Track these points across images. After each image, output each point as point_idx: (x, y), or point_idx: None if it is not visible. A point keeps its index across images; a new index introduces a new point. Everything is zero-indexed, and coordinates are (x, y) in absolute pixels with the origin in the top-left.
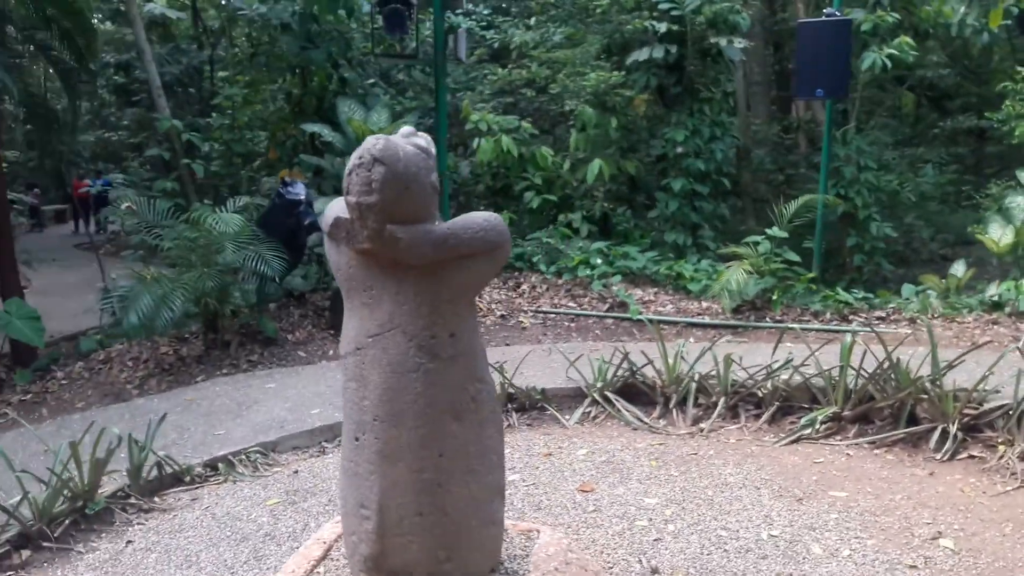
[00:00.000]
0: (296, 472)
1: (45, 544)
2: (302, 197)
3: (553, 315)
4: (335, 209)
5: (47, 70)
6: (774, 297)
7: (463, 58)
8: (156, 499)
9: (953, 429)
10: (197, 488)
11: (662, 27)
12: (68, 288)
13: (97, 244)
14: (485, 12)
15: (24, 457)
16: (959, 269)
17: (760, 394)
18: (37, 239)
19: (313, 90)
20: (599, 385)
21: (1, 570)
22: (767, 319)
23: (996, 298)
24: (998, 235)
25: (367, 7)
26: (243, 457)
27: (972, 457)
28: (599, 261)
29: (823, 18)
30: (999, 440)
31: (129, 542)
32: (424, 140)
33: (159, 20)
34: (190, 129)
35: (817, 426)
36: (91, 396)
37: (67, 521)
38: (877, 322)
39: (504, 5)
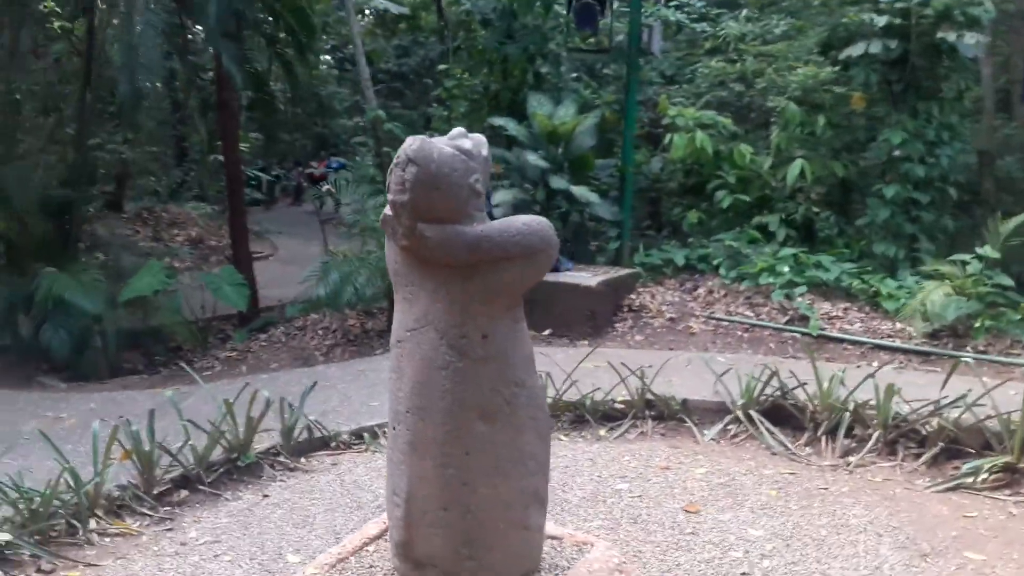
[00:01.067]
0: None
1: (200, 487)
2: None
3: (726, 323)
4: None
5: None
6: (976, 325)
7: (656, 52)
8: (302, 460)
9: None
10: (340, 454)
11: (882, 20)
12: (309, 258)
13: (325, 220)
14: (699, 4)
15: (210, 409)
16: None
17: (924, 432)
18: (295, 213)
19: (510, 84)
20: (742, 403)
21: (162, 504)
22: (967, 348)
23: None
24: None
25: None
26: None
27: None
28: (786, 269)
29: None
30: None
31: (266, 496)
32: (470, 142)
33: (405, 14)
34: (427, 119)
35: (983, 475)
36: (283, 359)
37: (221, 470)
38: None
39: None
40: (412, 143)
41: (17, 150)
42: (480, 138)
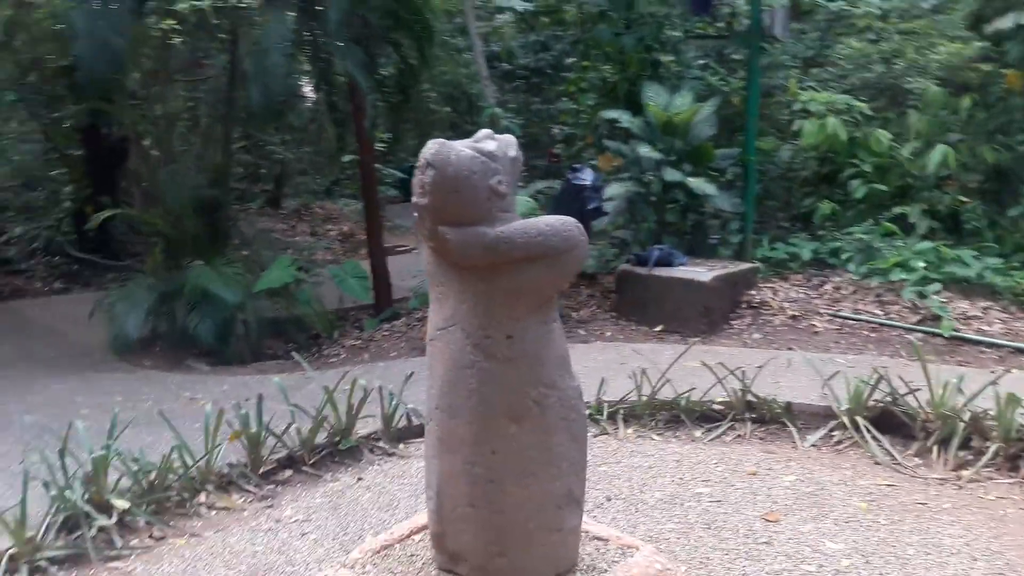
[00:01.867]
0: None
1: (303, 468)
2: (587, 183)
3: (852, 322)
4: None
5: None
6: None
7: (779, 35)
8: (400, 446)
9: None
10: None
11: None
12: None
13: None
14: None
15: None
16: None
17: None
18: None
19: (628, 75)
20: (847, 408)
21: (267, 483)
22: None
23: None
24: None
25: None
26: None
27: None
28: (921, 264)
29: None
30: None
31: (360, 479)
32: (494, 144)
33: (542, 10)
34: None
35: None
36: (402, 348)
37: (324, 452)
38: None
39: None
40: (431, 147)
41: (176, 153)
42: (508, 139)
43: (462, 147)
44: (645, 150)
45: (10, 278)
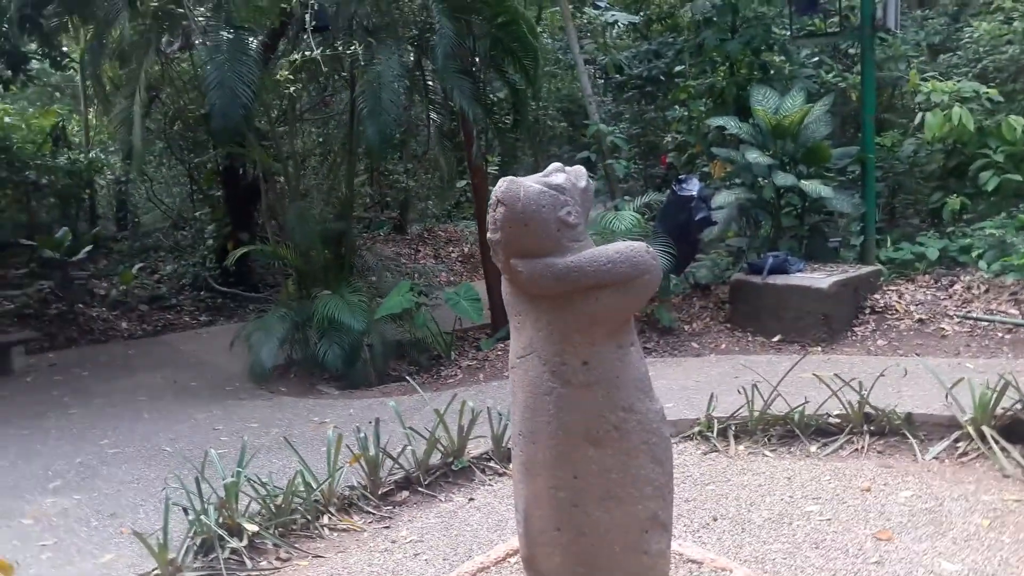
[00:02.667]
0: None
1: (419, 489)
2: (693, 193)
3: (984, 323)
4: None
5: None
6: None
7: (893, 27)
8: (510, 466)
9: None
10: None
11: None
12: None
13: None
14: None
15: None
16: None
17: None
18: None
19: (737, 80)
20: (969, 417)
21: (386, 504)
22: None
23: None
24: None
25: None
26: None
27: None
28: None
29: None
30: None
31: (471, 499)
32: (563, 177)
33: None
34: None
35: None
36: None
37: (438, 473)
38: None
39: None
40: (501, 184)
41: (303, 189)
42: (579, 170)
43: (531, 182)
44: (754, 155)
45: (162, 313)
